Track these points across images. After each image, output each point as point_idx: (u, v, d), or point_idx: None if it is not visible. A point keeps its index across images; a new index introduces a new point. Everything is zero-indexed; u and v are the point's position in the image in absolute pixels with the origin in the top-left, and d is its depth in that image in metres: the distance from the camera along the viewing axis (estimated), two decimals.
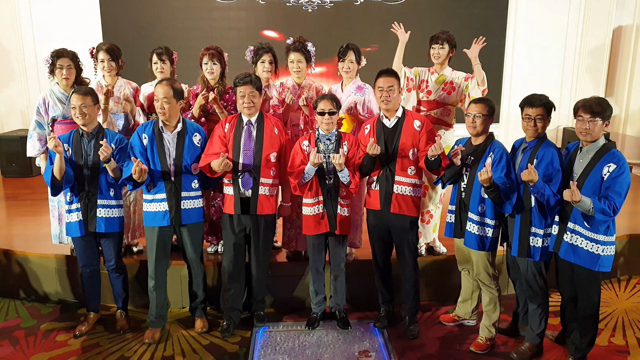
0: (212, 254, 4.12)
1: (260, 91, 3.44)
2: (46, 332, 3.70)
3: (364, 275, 3.90)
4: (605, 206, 2.79)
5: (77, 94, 3.32)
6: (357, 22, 7.00)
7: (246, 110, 3.41)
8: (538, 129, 3.09)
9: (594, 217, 2.84)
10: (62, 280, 4.10)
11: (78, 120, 3.34)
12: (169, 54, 3.95)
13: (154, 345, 3.51)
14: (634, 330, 3.69)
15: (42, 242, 4.28)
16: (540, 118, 3.07)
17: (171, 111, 3.33)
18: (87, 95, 3.33)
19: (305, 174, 3.38)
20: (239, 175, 3.44)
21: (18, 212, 5.32)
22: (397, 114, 3.41)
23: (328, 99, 3.41)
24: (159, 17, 6.96)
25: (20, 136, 6.51)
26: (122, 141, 3.45)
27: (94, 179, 3.39)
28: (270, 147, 3.47)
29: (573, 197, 2.78)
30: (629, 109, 6.92)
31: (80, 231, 3.42)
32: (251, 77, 3.39)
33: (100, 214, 3.43)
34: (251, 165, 3.43)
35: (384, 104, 3.38)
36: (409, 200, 3.40)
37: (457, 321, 3.77)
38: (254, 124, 3.46)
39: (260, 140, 3.45)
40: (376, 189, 3.45)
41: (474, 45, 3.85)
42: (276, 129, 3.52)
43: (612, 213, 2.81)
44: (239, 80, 3.39)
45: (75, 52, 3.84)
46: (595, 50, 7.03)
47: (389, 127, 3.42)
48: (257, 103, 3.44)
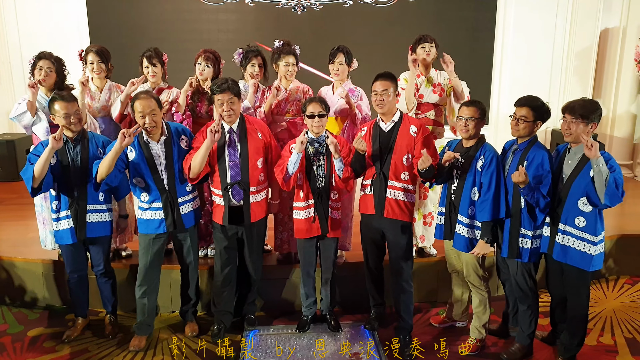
0: (202, 258, 4.09)
1: (239, 97, 3.35)
2: (33, 338, 3.66)
3: (354, 278, 3.89)
4: (616, 178, 2.76)
5: (65, 102, 3.22)
6: (347, 25, 7.00)
7: (226, 118, 3.32)
8: (519, 129, 3.08)
9: (605, 188, 2.76)
10: (50, 286, 4.05)
11: (73, 128, 3.25)
12: (159, 57, 3.89)
13: (143, 350, 3.48)
14: (622, 330, 3.72)
15: (29, 247, 4.23)
16: (523, 119, 3.06)
17: (158, 121, 3.26)
18: (75, 101, 3.28)
19: (290, 164, 3.30)
20: (228, 188, 3.38)
21: (4, 216, 5.25)
22: (393, 118, 3.39)
23: (317, 102, 3.40)
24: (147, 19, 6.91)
25: (6, 140, 6.44)
26: (108, 143, 3.40)
27: (82, 184, 3.33)
28: (256, 154, 3.40)
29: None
30: (616, 110, 6.98)
31: (72, 238, 3.37)
32: (228, 84, 3.26)
33: (90, 218, 3.39)
34: (239, 177, 3.37)
35: (379, 107, 3.35)
36: (402, 205, 3.38)
37: (447, 323, 3.78)
38: (235, 131, 3.38)
39: (245, 149, 3.37)
40: (370, 194, 3.44)
41: (444, 63, 3.79)
42: (259, 132, 3.45)
43: (617, 189, 2.76)
44: (215, 88, 3.27)
45: (60, 58, 3.78)
46: (582, 52, 7.09)
47: (385, 130, 3.40)
48: (237, 109, 3.34)
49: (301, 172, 3.44)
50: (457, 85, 3.81)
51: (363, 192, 3.51)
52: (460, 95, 3.82)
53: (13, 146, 6.46)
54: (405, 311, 3.52)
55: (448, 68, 3.79)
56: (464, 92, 3.83)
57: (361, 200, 3.54)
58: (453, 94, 3.88)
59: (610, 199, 2.79)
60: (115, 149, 3.08)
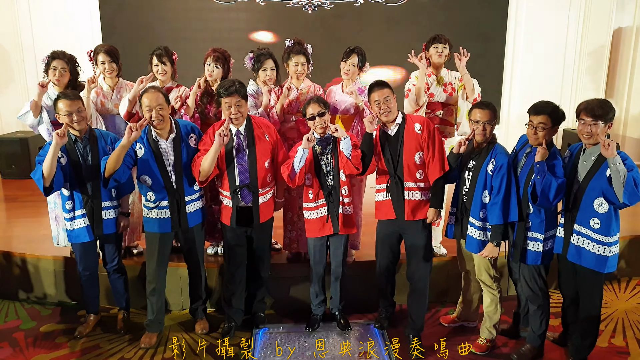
0: (212, 255, 4.12)
1: (246, 99, 3.34)
2: (46, 333, 3.69)
3: (364, 277, 3.89)
4: (634, 177, 2.72)
5: (68, 100, 3.22)
6: (358, 24, 6.98)
7: (234, 121, 3.31)
8: (539, 137, 3.01)
9: (623, 188, 2.73)
10: (62, 282, 4.09)
11: (76, 126, 3.26)
12: (168, 55, 3.89)
13: (154, 348, 3.50)
14: (634, 332, 3.69)
15: (42, 244, 4.28)
16: (542, 127, 3.00)
17: (166, 117, 3.26)
18: (78, 99, 3.28)
19: (296, 160, 3.29)
20: (237, 191, 3.39)
21: (18, 213, 5.31)
22: (397, 121, 3.36)
23: (314, 102, 3.37)
24: (159, 18, 6.95)
25: (19, 138, 6.52)
26: (116, 140, 3.42)
27: (95, 182, 3.34)
28: (263, 156, 3.40)
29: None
30: (629, 110, 6.92)
31: (89, 236, 3.40)
32: (236, 86, 3.25)
33: (106, 215, 3.42)
34: (248, 180, 3.37)
35: (385, 116, 3.31)
36: (421, 204, 3.36)
37: (457, 322, 3.76)
38: (243, 133, 3.37)
39: (252, 152, 3.36)
40: (388, 199, 3.40)
41: (458, 58, 3.78)
42: (266, 134, 3.44)
43: (637, 187, 2.73)
44: (223, 91, 3.25)
45: (73, 56, 3.82)
46: (595, 51, 7.02)
47: (391, 135, 3.37)
48: (244, 112, 3.34)
49: (310, 173, 3.44)
50: (468, 82, 3.79)
51: (378, 199, 3.48)
52: (469, 93, 3.80)
53: (27, 144, 6.54)
54: (418, 313, 3.50)
55: (461, 62, 3.76)
56: (475, 90, 3.81)
57: (377, 206, 3.49)
58: (463, 91, 3.86)
59: (630, 197, 2.74)
60: (122, 144, 3.09)
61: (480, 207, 3.20)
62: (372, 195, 3.55)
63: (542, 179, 2.92)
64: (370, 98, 3.37)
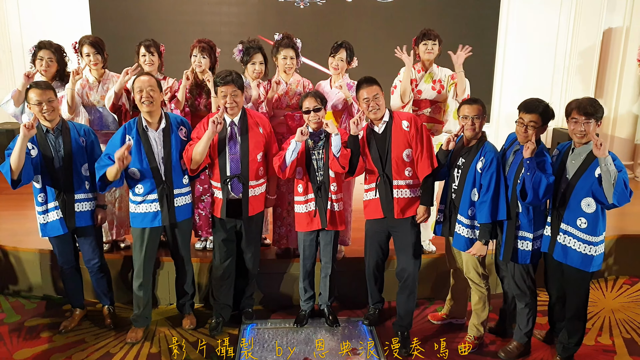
0: (201, 250, 4.09)
1: (242, 90, 3.32)
2: (30, 327, 3.65)
3: (353, 273, 3.88)
4: (624, 178, 2.72)
5: (39, 89, 3.13)
6: (349, 20, 6.96)
7: (229, 110, 3.29)
8: (528, 135, 3.01)
9: (612, 188, 2.73)
10: (47, 276, 4.04)
11: (46, 116, 3.16)
12: (156, 46, 3.88)
13: (140, 342, 3.47)
14: (621, 330, 3.72)
15: (27, 237, 4.23)
16: (532, 125, 2.99)
17: (157, 102, 3.21)
18: (50, 90, 3.19)
19: (288, 152, 3.28)
20: (227, 181, 3.37)
21: (3, 206, 5.24)
22: (384, 119, 3.34)
23: (312, 97, 3.37)
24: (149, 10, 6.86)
25: (5, 129, 6.41)
26: (89, 132, 3.37)
27: (68, 174, 3.28)
28: (256, 148, 3.39)
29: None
30: (618, 110, 6.96)
31: (62, 229, 3.32)
32: (232, 76, 3.24)
33: (79, 208, 3.35)
34: (239, 170, 3.36)
35: (373, 113, 3.29)
36: (411, 201, 3.36)
37: (445, 320, 3.77)
38: (237, 124, 3.36)
39: (245, 143, 3.35)
40: (376, 197, 3.39)
41: (460, 52, 3.75)
42: (260, 127, 3.44)
43: (626, 189, 2.73)
44: (219, 80, 3.24)
45: (60, 46, 3.77)
46: (585, 51, 7.07)
47: (379, 133, 3.35)
48: (240, 102, 3.33)
49: (301, 166, 3.42)
50: (461, 82, 3.77)
51: (367, 198, 3.46)
52: (460, 93, 3.78)
53: (13, 135, 6.41)
54: (406, 311, 3.50)
55: (458, 60, 3.73)
56: (467, 91, 3.79)
57: (366, 205, 3.48)
58: (454, 90, 3.84)
59: (619, 198, 2.75)
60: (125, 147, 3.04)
61: (469, 205, 3.20)
62: (362, 190, 3.54)
63: (532, 176, 2.91)
64: (358, 95, 3.34)
